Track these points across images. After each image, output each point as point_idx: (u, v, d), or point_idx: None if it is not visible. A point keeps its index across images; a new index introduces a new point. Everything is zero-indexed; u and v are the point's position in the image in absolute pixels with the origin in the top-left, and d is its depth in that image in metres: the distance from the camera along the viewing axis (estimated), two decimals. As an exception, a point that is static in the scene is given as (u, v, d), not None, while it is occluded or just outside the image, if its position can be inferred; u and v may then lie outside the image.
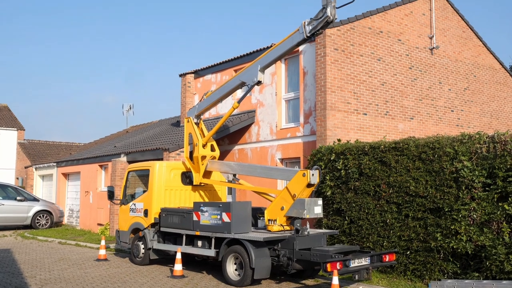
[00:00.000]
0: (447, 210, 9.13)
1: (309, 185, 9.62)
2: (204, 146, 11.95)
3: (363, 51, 13.96)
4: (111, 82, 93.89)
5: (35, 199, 21.95)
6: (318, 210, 9.72)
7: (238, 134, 16.39)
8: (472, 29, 17.71)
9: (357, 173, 10.67)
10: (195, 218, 10.52)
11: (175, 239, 11.39)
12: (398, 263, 9.80)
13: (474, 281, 8.04)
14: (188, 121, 12.38)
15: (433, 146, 9.48)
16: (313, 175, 9.54)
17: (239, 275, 9.57)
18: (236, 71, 15.99)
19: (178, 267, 10.45)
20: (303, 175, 9.54)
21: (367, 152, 10.58)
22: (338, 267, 8.09)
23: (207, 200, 12.62)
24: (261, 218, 10.74)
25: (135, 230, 12.43)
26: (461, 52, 17.20)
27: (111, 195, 13.30)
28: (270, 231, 9.80)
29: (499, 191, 8.56)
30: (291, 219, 9.84)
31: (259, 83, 10.74)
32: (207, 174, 12.23)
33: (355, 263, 8.57)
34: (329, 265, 8.03)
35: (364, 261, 8.78)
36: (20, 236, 19.03)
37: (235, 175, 11.64)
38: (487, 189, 8.75)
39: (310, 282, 10.03)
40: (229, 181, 11.99)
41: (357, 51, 13.79)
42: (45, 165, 25.37)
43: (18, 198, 21.27)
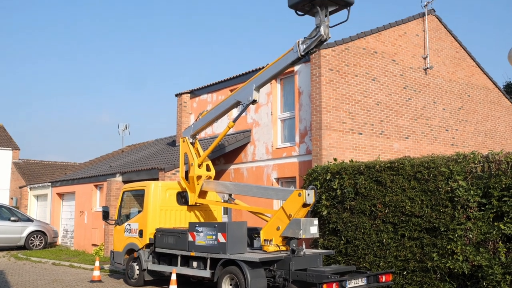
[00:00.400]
0: (443, 229, 9.12)
1: (305, 205, 9.60)
2: (199, 166, 11.93)
3: (358, 71, 14.07)
4: (107, 101, 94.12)
5: (29, 220, 21.77)
6: (314, 230, 9.68)
7: (234, 153, 16.39)
8: (465, 50, 17.91)
9: (353, 193, 10.66)
10: (190, 238, 10.44)
11: (170, 259, 11.30)
12: (394, 283, 9.73)
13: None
14: (183, 141, 12.38)
15: (428, 165, 9.51)
16: (308, 194, 9.52)
17: (234, 296, 9.46)
18: (231, 91, 16.05)
19: (173, 288, 10.32)
20: (299, 195, 9.53)
21: (363, 171, 10.59)
22: (334, 288, 8.03)
23: (202, 220, 12.55)
24: (257, 238, 10.67)
25: (130, 250, 12.32)
26: (455, 72, 17.36)
27: (105, 215, 13.21)
28: (266, 251, 9.74)
29: (495, 210, 8.56)
30: (287, 239, 9.79)
31: (254, 102, 10.78)
32: (203, 194, 12.18)
33: (351, 284, 8.51)
34: (325, 286, 7.98)
35: (360, 282, 8.73)
36: (13, 257, 18.81)
37: (230, 195, 11.60)
38: (483, 208, 8.75)
39: (306, 303, 9.92)
40: (224, 201, 11.94)
41: (352, 71, 13.90)
42: (40, 185, 25.23)
43: (12, 218, 21.09)
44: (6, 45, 79.53)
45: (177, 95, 19.07)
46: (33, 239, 21.20)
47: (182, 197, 12.46)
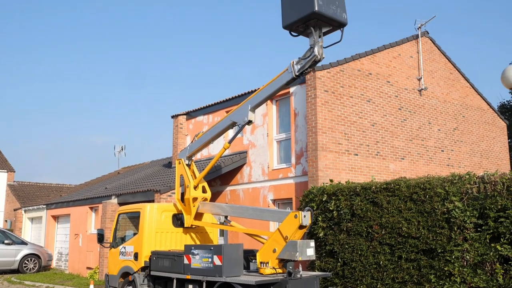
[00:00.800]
0: (440, 251, 9.07)
1: (301, 227, 9.53)
2: (195, 187, 11.88)
3: (353, 93, 14.16)
4: (103, 122, 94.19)
5: (23, 243, 21.56)
6: (310, 252, 9.60)
7: (230, 175, 16.36)
8: (459, 71, 18.10)
9: (349, 214, 10.63)
10: (186, 261, 10.34)
11: (166, 283, 11.16)
12: (392, 306, 9.64)
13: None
14: (179, 163, 12.36)
15: (424, 186, 9.51)
16: (305, 216, 9.47)
17: (230, 320, 9.33)
18: (227, 112, 16.12)
19: (168, 312, 10.18)
20: (295, 216, 9.47)
21: (359, 192, 10.58)
22: (331, 311, 7.94)
23: (198, 242, 12.45)
24: (253, 260, 10.57)
25: (125, 274, 12.17)
26: (449, 93, 17.50)
27: (100, 238, 13.09)
28: (262, 274, 9.64)
29: (491, 231, 8.54)
30: (283, 262, 9.69)
31: (249, 122, 10.79)
32: (199, 216, 12.11)
33: (348, 307, 8.41)
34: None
35: (358, 305, 8.62)
36: (6, 281, 18.56)
37: (226, 217, 11.53)
38: (479, 229, 8.73)
39: (303, 326, 9.78)
40: (220, 223, 11.85)
41: (347, 93, 13.99)
42: (35, 207, 25.06)
43: (5, 241, 20.88)
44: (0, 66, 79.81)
45: (173, 117, 19.11)
46: (27, 262, 20.96)
47: (178, 219, 12.37)
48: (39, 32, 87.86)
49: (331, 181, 11.87)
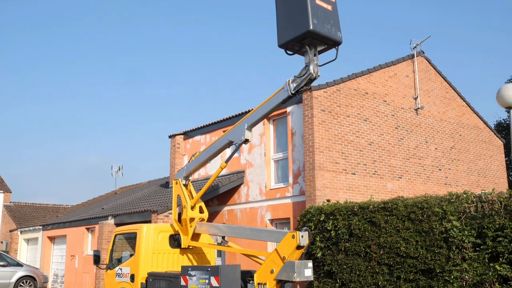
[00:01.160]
0: (438, 271, 9.01)
1: (299, 247, 9.46)
2: (192, 208, 11.82)
3: (350, 112, 14.21)
4: (100, 142, 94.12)
5: (19, 264, 21.34)
6: (308, 272, 9.51)
7: (227, 194, 16.30)
8: (455, 90, 18.21)
9: (347, 234, 10.57)
10: (182, 282, 10.23)
11: (162, 305, 11.02)
12: (392, 327, 9.52)
13: None
14: (176, 183, 12.32)
15: (421, 206, 9.48)
16: (302, 236, 9.40)
17: None
18: (224, 132, 16.14)
19: (164, 335, 10.04)
20: (293, 236, 9.41)
21: (357, 212, 10.54)
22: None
23: (195, 263, 12.34)
24: (250, 281, 10.47)
25: (121, 296, 12.03)
26: (446, 112, 17.58)
27: (96, 259, 12.96)
28: (260, 295, 9.54)
29: (490, 251, 8.49)
30: (281, 283, 9.60)
31: (246, 141, 10.78)
32: (196, 236, 12.03)
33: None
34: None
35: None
36: (1, 303, 18.33)
37: (224, 237, 11.46)
38: (478, 249, 8.68)
39: None
40: (218, 244, 11.77)
41: (343, 112, 14.04)
42: (31, 228, 24.87)
43: (1, 263, 20.65)
44: None
45: (170, 137, 19.12)
46: (22, 284, 20.70)
47: (175, 240, 12.28)
48: (36, 52, 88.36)
49: (328, 201, 11.83)
